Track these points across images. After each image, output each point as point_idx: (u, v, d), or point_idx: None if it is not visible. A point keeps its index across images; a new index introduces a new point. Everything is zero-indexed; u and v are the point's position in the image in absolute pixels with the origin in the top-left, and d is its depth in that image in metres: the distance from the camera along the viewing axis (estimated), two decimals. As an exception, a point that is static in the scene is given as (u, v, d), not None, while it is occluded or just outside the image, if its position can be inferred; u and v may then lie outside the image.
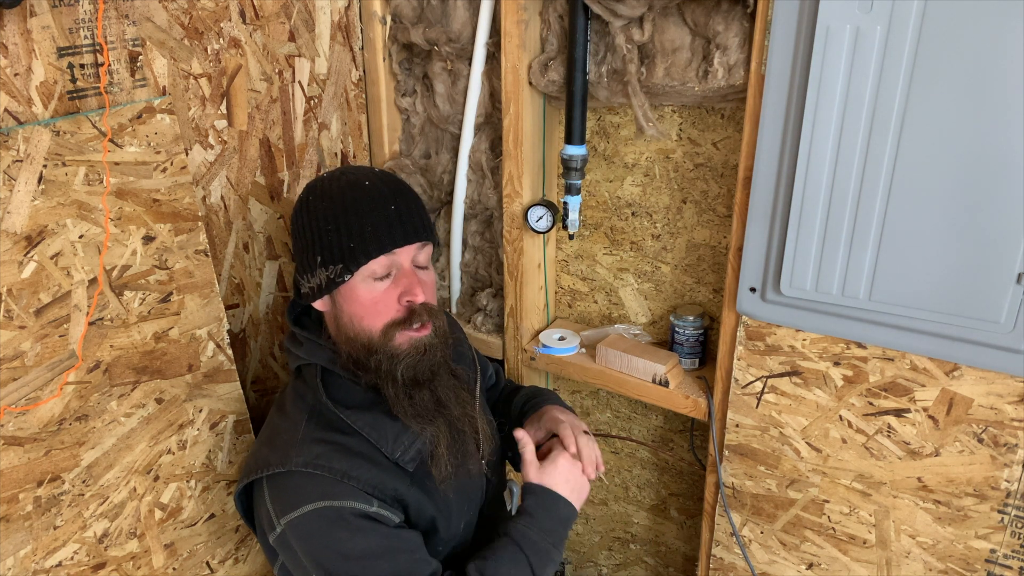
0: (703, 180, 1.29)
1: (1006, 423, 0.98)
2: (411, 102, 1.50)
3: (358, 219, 0.98)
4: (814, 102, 0.93)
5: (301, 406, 1.04)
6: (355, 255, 0.97)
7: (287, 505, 0.96)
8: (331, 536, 0.94)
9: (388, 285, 1.00)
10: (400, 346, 1.00)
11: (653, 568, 1.73)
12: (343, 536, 0.94)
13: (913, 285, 0.95)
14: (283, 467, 0.97)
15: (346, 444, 0.99)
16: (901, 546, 1.12)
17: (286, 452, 0.98)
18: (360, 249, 0.97)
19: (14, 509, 0.97)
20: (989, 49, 0.82)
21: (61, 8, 0.94)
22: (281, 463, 0.97)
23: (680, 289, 1.39)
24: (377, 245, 0.98)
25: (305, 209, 1.03)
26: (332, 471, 0.96)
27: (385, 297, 1.00)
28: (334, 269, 0.98)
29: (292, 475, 0.97)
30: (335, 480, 0.95)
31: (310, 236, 1.01)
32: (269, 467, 0.98)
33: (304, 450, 0.98)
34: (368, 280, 0.99)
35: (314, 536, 0.95)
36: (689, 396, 1.28)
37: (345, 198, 1.00)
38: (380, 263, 0.98)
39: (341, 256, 0.98)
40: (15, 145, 0.90)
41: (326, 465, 0.96)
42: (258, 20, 1.23)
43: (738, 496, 1.26)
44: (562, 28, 1.23)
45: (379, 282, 0.99)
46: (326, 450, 0.98)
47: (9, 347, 0.93)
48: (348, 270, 0.98)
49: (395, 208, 1.00)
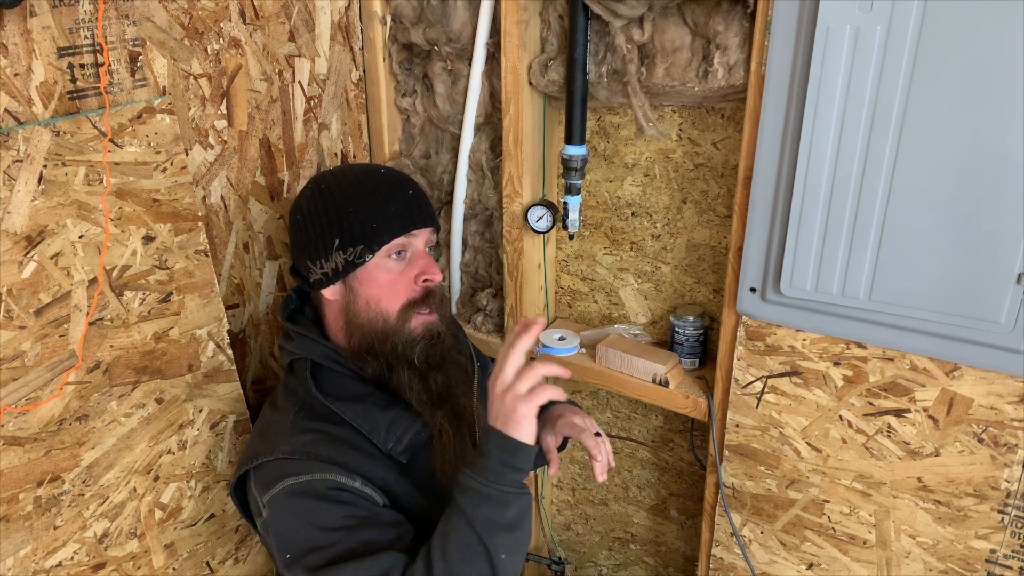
0: (703, 180, 1.29)
1: (1006, 423, 0.98)
2: (411, 102, 1.50)
3: (382, 200, 1.01)
4: (814, 102, 0.93)
5: (291, 399, 1.04)
6: (378, 234, 1.00)
7: (269, 484, 0.96)
8: (307, 508, 0.93)
9: (404, 266, 1.03)
10: (415, 330, 1.03)
11: (653, 568, 1.73)
12: (322, 507, 0.92)
13: (913, 285, 0.95)
14: (271, 455, 0.97)
15: (335, 433, 0.99)
16: (901, 546, 1.12)
17: (275, 441, 0.99)
18: (384, 229, 1.00)
19: (14, 509, 0.97)
20: (989, 49, 0.82)
21: (61, 8, 0.94)
22: (269, 452, 0.98)
23: (680, 289, 1.39)
24: (400, 225, 1.01)
25: (318, 196, 1.04)
26: (319, 457, 0.96)
27: (402, 278, 1.03)
28: (354, 251, 1.00)
29: (278, 461, 0.97)
30: (320, 462, 0.95)
31: (326, 221, 1.01)
32: (258, 457, 0.99)
33: (292, 439, 0.98)
34: (387, 260, 1.02)
35: (291, 509, 0.93)
36: (689, 396, 1.28)
37: (364, 183, 1.03)
38: (399, 243, 1.02)
39: (363, 236, 1.00)
40: (15, 145, 0.90)
41: (312, 452, 0.96)
42: (258, 20, 1.23)
43: (738, 496, 1.26)
44: (562, 28, 1.23)
45: (396, 263, 1.02)
46: (314, 438, 0.98)
47: (9, 347, 0.93)
48: (370, 250, 1.00)
49: (412, 193, 1.05)
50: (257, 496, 0.98)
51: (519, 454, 0.87)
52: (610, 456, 1.06)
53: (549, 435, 1.12)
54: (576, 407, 1.20)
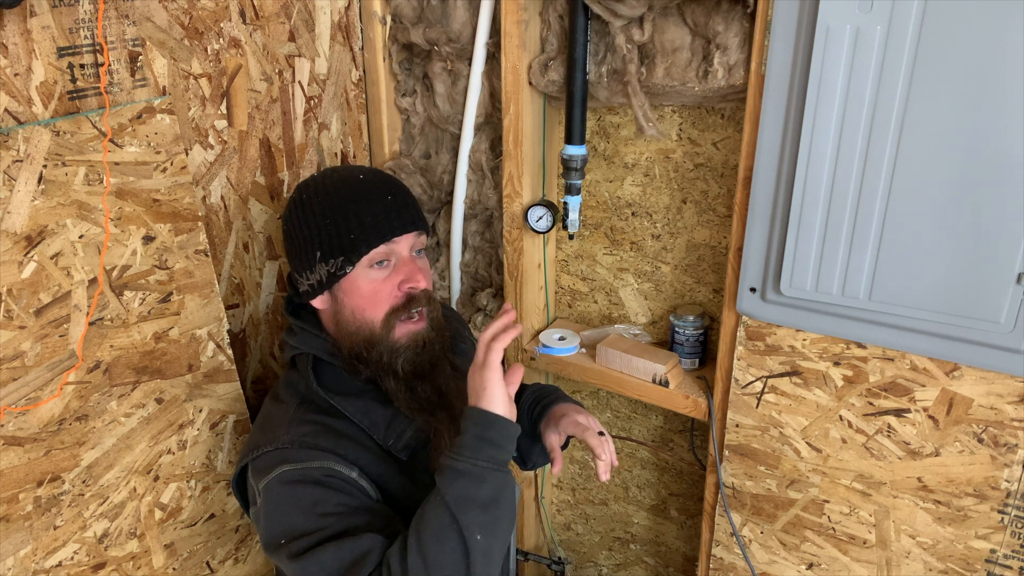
0: (703, 180, 1.29)
1: (1006, 423, 0.98)
2: (411, 102, 1.50)
3: (356, 210, 1.00)
4: (814, 102, 0.93)
5: (292, 393, 1.05)
6: (356, 246, 0.98)
7: (265, 471, 0.95)
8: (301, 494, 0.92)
9: (388, 274, 1.02)
10: (399, 340, 1.01)
11: (653, 568, 1.73)
12: (316, 493, 0.92)
13: (913, 285, 0.95)
14: (270, 446, 0.97)
15: (335, 426, 0.99)
16: (901, 546, 1.12)
17: (274, 433, 0.99)
18: (361, 239, 0.98)
19: (14, 509, 0.97)
20: (989, 49, 0.82)
21: (61, 8, 0.94)
22: (269, 443, 0.98)
23: (680, 289, 1.39)
24: (378, 234, 0.99)
25: (300, 207, 1.04)
26: (318, 447, 0.96)
27: (385, 286, 1.01)
28: (335, 263, 0.99)
29: (278, 450, 0.97)
30: (319, 451, 0.95)
31: (308, 233, 1.01)
32: (258, 449, 0.99)
33: (292, 429, 0.98)
34: (369, 271, 1.00)
35: (285, 495, 0.93)
36: (689, 396, 1.28)
37: (341, 192, 1.02)
38: (380, 252, 1.00)
39: (342, 248, 0.99)
40: (15, 145, 0.90)
41: (312, 442, 0.96)
42: (258, 20, 1.23)
43: (738, 496, 1.26)
44: (562, 28, 1.23)
45: (379, 272, 1.01)
46: (314, 429, 0.98)
47: (9, 347, 0.93)
48: (349, 261, 0.99)
49: (392, 199, 1.02)
50: (254, 484, 0.98)
51: (495, 427, 0.86)
52: (613, 456, 1.06)
53: (553, 434, 1.11)
54: (579, 406, 1.19)
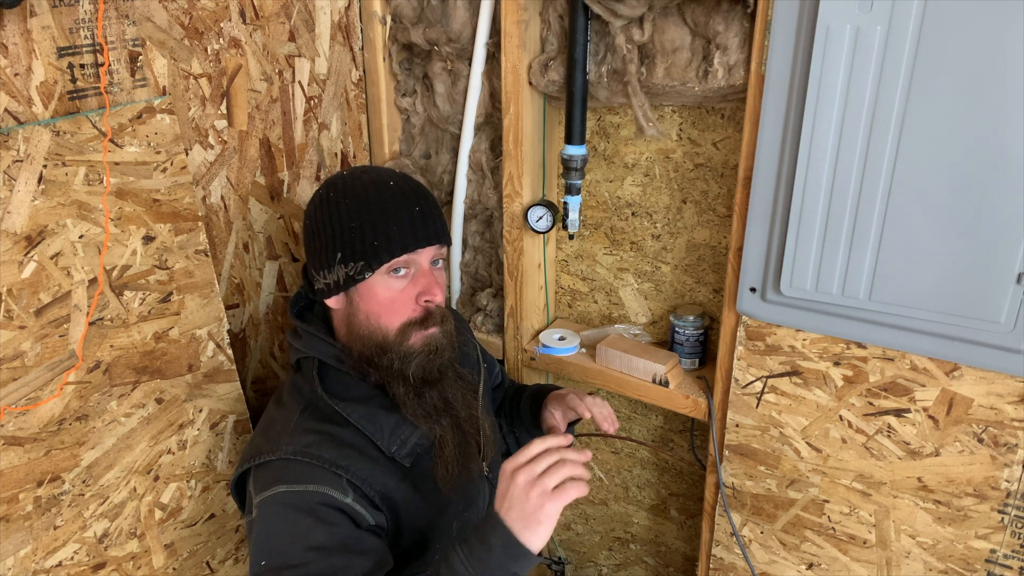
0: (703, 180, 1.29)
1: (1006, 423, 0.98)
2: (411, 102, 1.50)
3: (383, 218, 0.99)
4: (814, 102, 0.93)
5: (297, 398, 1.04)
6: (378, 253, 0.98)
7: (264, 486, 0.96)
8: (293, 520, 0.92)
9: (406, 284, 1.01)
10: (414, 345, 1.01)
11: (653, 568, 1.73)
12: (307, 523, 0.92)
13: (913, 285, 0.95)
14: (273, 455, 0.97)
15: (338, 435, 0.99)
16: (901, 546, 1.12)
17: (277, 441, 0.99)
18: (384, 248, 0.98)
19: (14, 509, 0.97)
20: (989, 49, 0.82)
21: (61, 8, 0.94)
22: (271, 451, 0.97)
23: (680, 289, 1.39)
24: (401, 244, 0.98)
25: (326, 205, 1.02)
26: (320, 459, 0.95)
27: (403, 296, 1.01)
28: (354, 266, 0.98)
29: (279, 462, 0.97)
30: (320, 467, 0.95)
31: (331, 232, 1.00)
32: (260, 455, 0.98)
33: (295, 439, 0.98)
34: (387, 277, 1.00)
35: (278, 518, 0.93)
36: (689, 396, 1.28)
37: (370, 197, 1.00)
38: (401, 261, 0.99)
39: (363, 254, 0.98)
40: (15, 145, 0.90)
41: (315, 453, 0.96)
42: (258, 20, 1.23)
43: (738, 496, 1.26)
44: (562, 28, 1.23)
45: (398, 281, 1.00)
46: (317, 439, 0.98)
47: (9, 347, 0.93)
48: (369, 267, 0.98)
49: (419, 210, 1.01)
50: (252, 494, 0.98)
51: (523, 562, 0.83)
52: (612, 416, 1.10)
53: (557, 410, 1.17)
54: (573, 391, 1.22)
